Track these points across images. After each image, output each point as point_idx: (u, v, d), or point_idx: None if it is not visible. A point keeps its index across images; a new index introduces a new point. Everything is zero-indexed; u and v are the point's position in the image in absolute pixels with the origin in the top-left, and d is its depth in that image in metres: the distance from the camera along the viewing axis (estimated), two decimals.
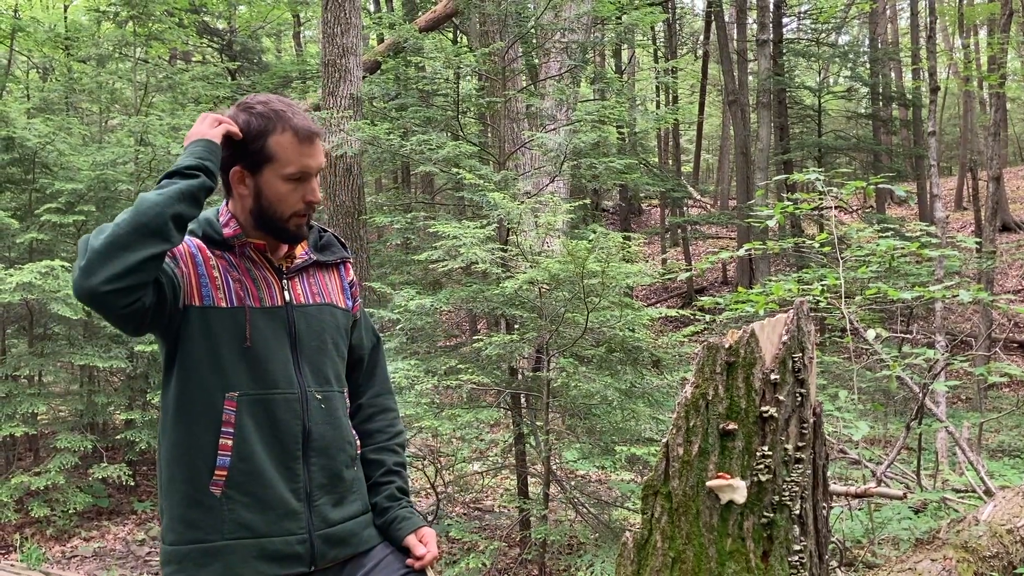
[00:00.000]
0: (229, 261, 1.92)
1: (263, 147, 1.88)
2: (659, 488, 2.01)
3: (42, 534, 6.74)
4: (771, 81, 15.52)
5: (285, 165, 1.89)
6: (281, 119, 1.89)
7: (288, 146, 1.88)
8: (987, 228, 11.95)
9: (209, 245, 1.92)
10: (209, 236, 1.93)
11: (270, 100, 1.92)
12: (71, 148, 7.91)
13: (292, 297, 1.97)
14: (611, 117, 6.73)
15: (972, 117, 22.30)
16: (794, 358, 1.96)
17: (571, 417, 5.25)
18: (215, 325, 1.87)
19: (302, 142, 1.89)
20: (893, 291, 4.69)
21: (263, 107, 1.90)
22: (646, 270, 5.12)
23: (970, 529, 3.63)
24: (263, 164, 1.89)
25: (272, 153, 1.88)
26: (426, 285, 8.65)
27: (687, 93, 29.10)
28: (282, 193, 1.90)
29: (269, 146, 1.88)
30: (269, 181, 1.90)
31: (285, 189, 1.90)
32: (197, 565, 1.85)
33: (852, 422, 4.40)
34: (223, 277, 1.90)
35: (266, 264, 1.97)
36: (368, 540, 2.04)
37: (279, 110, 1.90)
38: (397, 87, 8.10)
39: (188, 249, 1.89)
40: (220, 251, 1.93)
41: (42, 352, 7.47)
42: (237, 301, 1.89)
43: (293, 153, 1.89)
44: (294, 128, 1.89)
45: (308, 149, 1.90)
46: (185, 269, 1.86)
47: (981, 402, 10.36)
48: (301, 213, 1.94)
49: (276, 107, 1.90)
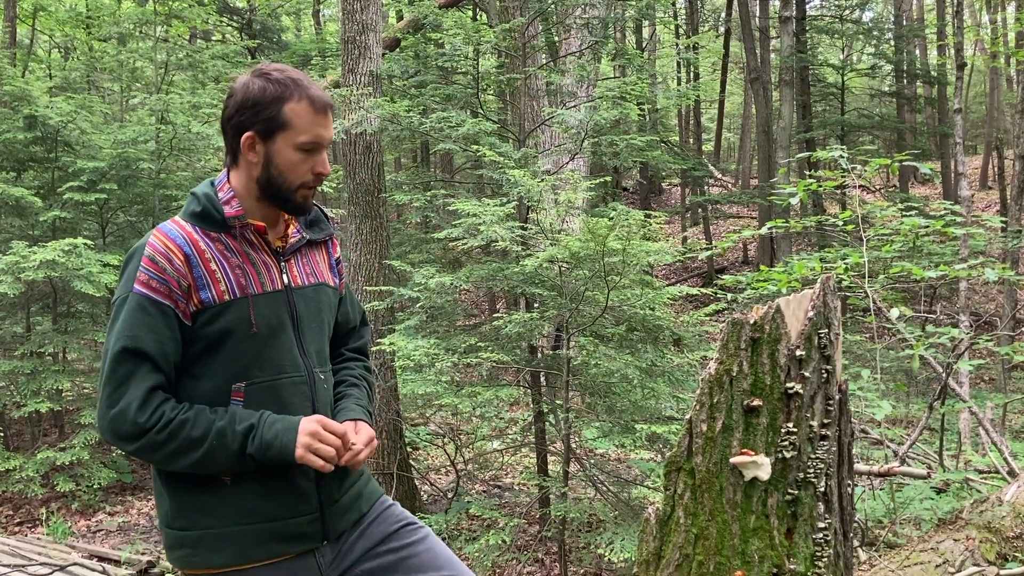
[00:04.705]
0: (226, 245, 1.89)
1: (278, 113, 1.85)
2: (682, 465, 2.00)
3: (67, 508, 6.83)
4: (794, 58, 15.33)
5: (299, 133, 1.86)
6: (298, 87, 1.87)
7: (303, 114, 1.86)
8: (1013, 207, 11.78)
9: (205, 226, 1.88)
10: (208, 215, 1.89)
11: (286, 68, 1.90)
12: (93, 126, 7.95)
13: (290, 279, 1.96)
14: (632, 94, 6.67)
15: (999, 95, 21.98)
16: (820, 334, 1.93)
17: (591, 396, 5.25)
18: (219, 320, 1.84)
19: (317, 112, 1.88)
20: (917, 270, 4.63)
21: (280, 74, 1.88)
22: (666, 248, 5.08)
23: (993, 510, 3.60)
24: (276, 131, 1.86)
25: (287, 120, 1.86)
26: (446, 263, 8.65)
27: (708, 70, 28.82)
28: (293, 162, 1.88)
29: (284, 113, 1.85)
30: (281, 149, 1.87)
31: (296, 158, 1.88)
32: (211, 550, 1.85)
33: (875, 402, 4.36)
34: (221, 267, 1.86)
35: (264, 247, 1.94)
36: (369, 498, 2.07)
37: (296, 78, 1.88)
38: (417, 64, 8.04)
39: (180, 257, 1.83)
40: (216, 233, 1.89)
41: (66, 329, 7.54)
42: (239, 291, 1.86)
43: (308, 122, 1.87)
44: (310, 97, 1.87)
45: (323, 120, 1.89)
46: (181, 294, 1.82)
47: (1005, 382, 10.26)
48: (309, 185, 1.92)
49: (293, 75, 1.88)
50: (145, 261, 1.82)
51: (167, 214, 8.06)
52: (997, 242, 10.74)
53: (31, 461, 6.77)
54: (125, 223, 8.33)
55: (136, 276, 1.81)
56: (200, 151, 8.28)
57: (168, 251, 1.83)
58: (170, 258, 1.82)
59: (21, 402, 6.93)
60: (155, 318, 1.80)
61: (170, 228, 1.88)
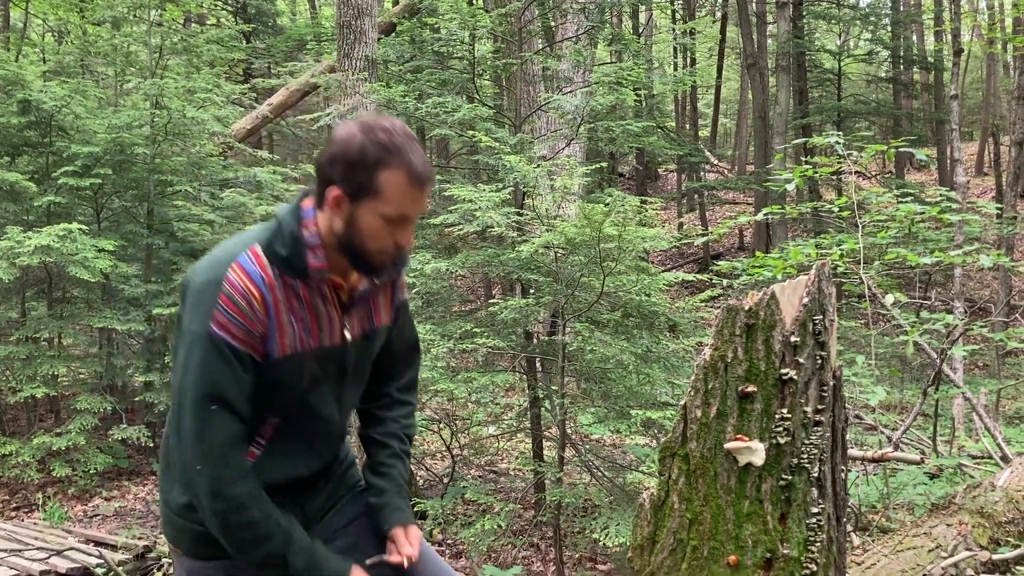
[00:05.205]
0: (298, 294, 1.81)
1: (372, 180, 1.73)
2: (676, 450, 2.01)
3: (64, 494, 6.84)
4: (790, 44, 15.29)
5: (389, 205, 1.75)
6: (400, 156, 1.74)
7: (398, 186, 1.74)
8: (1008, 194, 11.81)
9: (285, 270, 1.79)
10: (291, 263, 1.79)
11: (395, 130, 1.76)
12: (87, 111, 7.91)
13: (350, 334, 1.91)
14: (628, 80, 6.65)
15: (995, 81, 21.97)
16: (815, 320, 1.94)
17: (586, 381, 5.26)
18: (276, 372, 1.81)
19: (413, 186, 1.76)
20: (912, 256, 4.64)
21: (385, 136, 1.74)
22: (662, 235, 5.09)
23: (986, 495, 3.63)
24: (365, 196, 1.75)
25: (379, 189, 1.74)
26: (442, 249, 8.63)
27: (705, 56, 28.74)
28: (376, 230, 1.78)
29: (378, 180, 1.73)
30: (366, 215, 1.76)
31: (381, 227, 1.78)
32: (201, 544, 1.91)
33: (869, 388, 4.38)
34: (290, 319, 1.80)
35: (334, 301, 1.87)
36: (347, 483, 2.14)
37: (400, 145, 1.74)
38: (412, 49, 8.01)
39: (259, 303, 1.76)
40: (293, 280, 1.80)
41: (61, 315, 7.53)
42: (300, 346, 1.82)
43: (401, 195, 1.75)
44: (411, 170, 1.74)
45: (418, 194, 1.77)
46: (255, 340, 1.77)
47: (999, 368, 10.30)
48: (389, 253, 1.83)
49: (398, 140, 1.74)
50: (223, 299, 1.73)
51: (162, 199, 8.03)
52: (992, 228, 10.77)
53: (27, 446, 6.78)
54: (120, 208, 8.30)
55: (212, 315, 1.72)
56: (195, 136, 8.24)
57: (248, 293, 1.74)
58: (250, 302, 1.74)
59: (17, 387, 6.93)
60: (235, 367, 1.75)
61: (250, 267, 1.76)
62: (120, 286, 7.63)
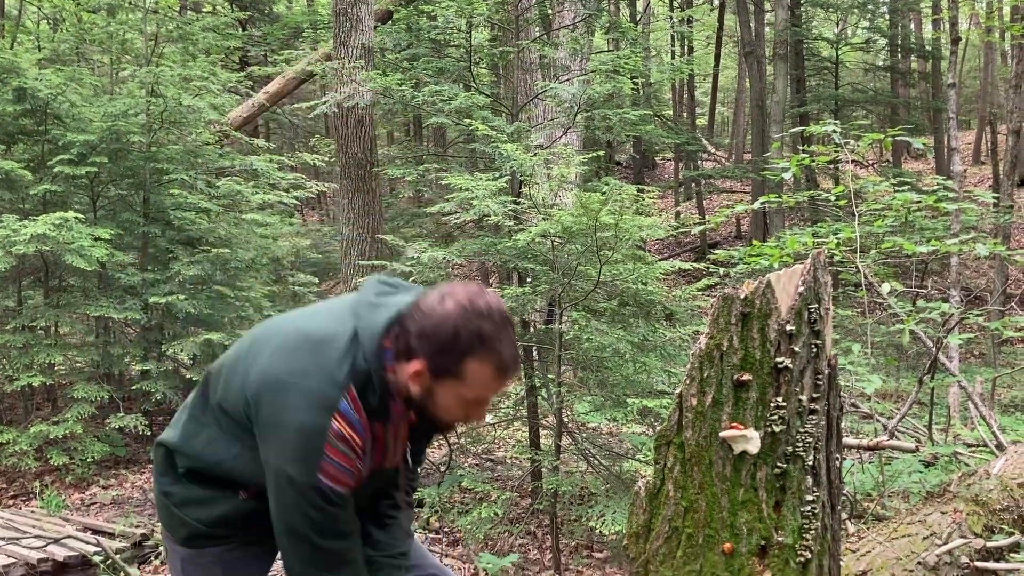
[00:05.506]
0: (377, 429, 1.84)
1: (458, 365, 1.73)
2: (672, 438, 2.01)
3: (61, 482, 6.85)
4: (788, 32, 15.27)
5: (469, 390, 1.76)
6: (491, 347, 1.72)
7: (483, 376, 1.74)
8: (1005, 182, 11.81)
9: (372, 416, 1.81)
10: (379, 412, 1.82)
11: (492, 315, 1.74)
12: (82, 99, 7.88)
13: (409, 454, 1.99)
14: (626, 68, 6.64)
15: (993, 69, 21.95)
16: (810, 309, 1.94)
17: (583, 370, 5.26)
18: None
19: (498, 377, 1.76)
20: (909, 245, 4.64)
21: (481, 324, 1.72)
22: (659, 223, 5.08)
23: (981, 483, 3.64)
24: (448, 377, 1.75)
25: (463, 374, 1.73)
26: (438, 238, 8.63)
27: (703, 44, 28.66)
28: (451, 407, 1.80)
29: (464, 367, 1.73)
30: (445, 393, 1.77)
31: (456, 405, 1.80)
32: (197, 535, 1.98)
33: (865, 376, 4.39)
34: (372, 452, 1.84)
35: (405, 434, 1.93)
36: None
37: (494, 335, 1.73)
38: (409, 37, 7.98)
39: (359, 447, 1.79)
40: (381, 422, 1.84)
41: (58, 303, 7.52)
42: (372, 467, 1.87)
43: (483, 384, 1.76)
44: (499, 362, 1.74)
45: (500, 383, 1.78)
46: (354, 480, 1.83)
47: (995, 357, 10.34)
48: (459, 422, 1.89)
49: (492, 330, 1.73)
50: (330, 450, 1.75)
51: (158, 188, 8.01)
52: (989, 217, 10.77)
53: (24, 435, 6.78)
54: (116, 196, 8.28)
55: (321, 467, 1.75)
56: (191, 124, 8.21)
57: (352, 440, 1.77)
58: (353, 448, 1.77)
59: (14, 376, 6.92)
60: (343, 502, 1.81)
61: (352, 415, 1.77)
62: (116, 275, 7.62)
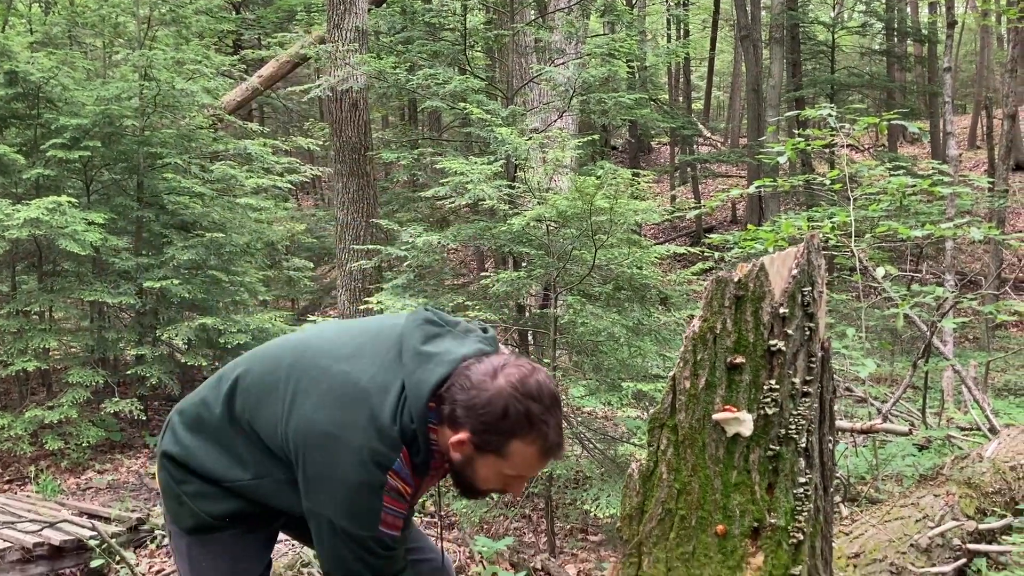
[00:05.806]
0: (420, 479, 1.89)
1: (503, 442, 1.77)
2: (665, 421, 2.02)
3: (57, 467, 6.86)
4: (784, 16, 15.20)
5: (511, 467, 1.81)
6: (538, 430, 1.76)
7: (527, 456, 1.79)
8: (1000, 167, 11.81)
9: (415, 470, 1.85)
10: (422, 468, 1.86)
11: (542, 397, 1.77)
12: (75, 83, 7.84)
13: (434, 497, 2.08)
14: (621, 51, 6.62)
15: (989, 53, 21.88)
16: (803, 292, 1.94)
17: (578, 354, 5.27)
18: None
19: (541, 458, 1.81)
20: (904, 229, 4.64)
21: (531, 406, 1.75)
22: (655, 207, 5.07)
23: (974, 466, 3.66)
24: (491, 452, 1.79)
25: (508, 453, 1.78)
26: (433, 222, 8.61)
27: (698, 28, 28.55)
28: (489, 479, 1.85)
29: (509, 445, 1.77)
30: (486, 466, 1.82)
31: (495, 478, 1.85)
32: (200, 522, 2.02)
33: (859, 360, 4.40)
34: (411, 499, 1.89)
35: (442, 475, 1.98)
36: None
37: (542, 418, 1.76)
38: (403, 20, 7.93)
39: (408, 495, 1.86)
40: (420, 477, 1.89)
41: (52, 288, 7.51)
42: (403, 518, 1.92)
43: (526, 464, 1.81)
44: (544, 444, 1.78)
45: (543, 464, 1.83)
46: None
47: (989, 341, 10.36)
48: (494, 493, 1.95)
49: (541, 413, 1.76)
50: (389, 501, 1.81)
51: (152, 172, 7.98)
52: (984, 201, 10.78)
53: (19, 419, 6.78)
54: (109, 181, 8.25)
55: (382, 519, 1.82)
56: (184, 108, 8.18)
57: (403, 491, 1.83)
58: (404, 496, 1.83)
59: (8, 361, 6.92)
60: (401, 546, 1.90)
61: (403, 471, 1.82)
62: (111, 259, 7.60)
